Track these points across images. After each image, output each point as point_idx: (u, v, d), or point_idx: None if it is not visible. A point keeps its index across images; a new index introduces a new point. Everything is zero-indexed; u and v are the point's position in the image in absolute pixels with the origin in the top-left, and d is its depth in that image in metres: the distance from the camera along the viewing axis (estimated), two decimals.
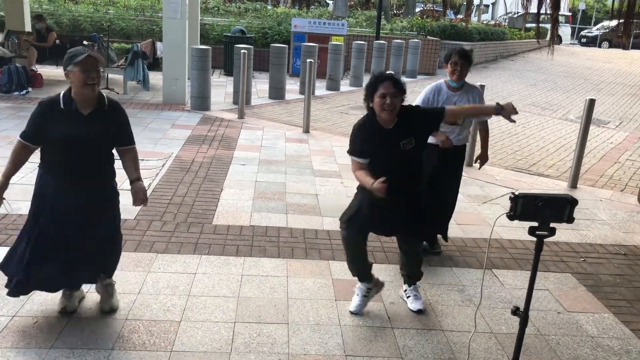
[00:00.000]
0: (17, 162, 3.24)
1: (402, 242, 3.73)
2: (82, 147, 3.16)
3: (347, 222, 3.54)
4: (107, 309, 3.49)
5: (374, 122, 3.41)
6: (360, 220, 3.51)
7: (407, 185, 3.48)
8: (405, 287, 3.84)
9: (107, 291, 3.49)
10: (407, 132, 3.40)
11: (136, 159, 3.45)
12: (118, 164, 3.40)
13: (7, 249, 3.40)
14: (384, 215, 3.49)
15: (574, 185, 6.78)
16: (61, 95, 3.17)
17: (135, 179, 3.39)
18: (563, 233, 5.22)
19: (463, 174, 4.71)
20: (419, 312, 3.71)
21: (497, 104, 3.53)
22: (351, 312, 3.63)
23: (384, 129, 3.40)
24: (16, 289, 3.29)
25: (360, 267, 3.68)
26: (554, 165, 7.86)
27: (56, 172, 3.20)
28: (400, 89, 3.33)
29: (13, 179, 3.33)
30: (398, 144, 3.37)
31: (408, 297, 3.80)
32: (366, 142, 3.41)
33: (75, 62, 3.03)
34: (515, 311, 2.65)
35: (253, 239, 4.68)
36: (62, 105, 3.13)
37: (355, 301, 3.67)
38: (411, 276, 3.80)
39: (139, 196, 3.38)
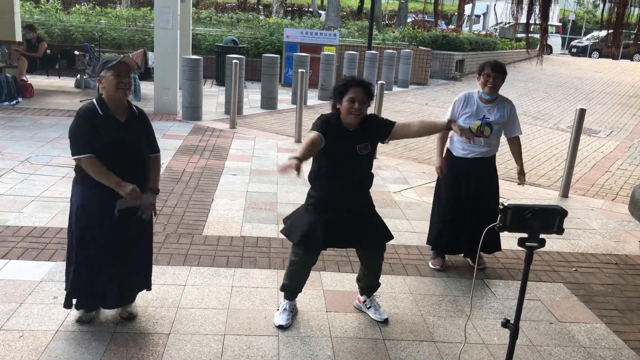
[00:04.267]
0: (106, 170, 3.12)
1: (362, 255, 3.68)
2: (127, 153, 3.19)
3: (304, 244, 3.45)
4: (126, 315, 3.50)
5: (338, 121, 3.38)
6: (317, 242, 3.45)
7: (359, 190, 3.50)
8: (363, 297, 3.80)
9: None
10: (365, 137, 3.42)
11: (159, 169, 3.50)
12: None
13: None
14: (339, 228, 3.46)
15: (565, 194, 6.79)
16: (95, 102, 3.17)
17: (151, 188, 3.35)
18: (554, 242, 5.22)
19: None
20: (385, 321, 3.67)
21: (449, 120, 3.59)
22: (282, 326, 3.52)
23: (346, 130, 3.39)
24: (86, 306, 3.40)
25: (302, 286, 3.68)
26: (546, 174, 7.88)
27: (101, 185, 3.15)
28: (370, 96, 3.34)
29: (1, 190, 3.29)
30: (355, 147, 3.38)
31: (369, 307, 3.76)
32: (328, 132, 3.32)
33: (108, 67, 3.10)
34: (505, 323, 2.63)
35: (243, 249, 4.65)
36: (100, 112, 3.14)
37: (283, 316, 3.57)
38: (370, 288, 3.77)
39: (147, 209, 3.31)
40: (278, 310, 3.64)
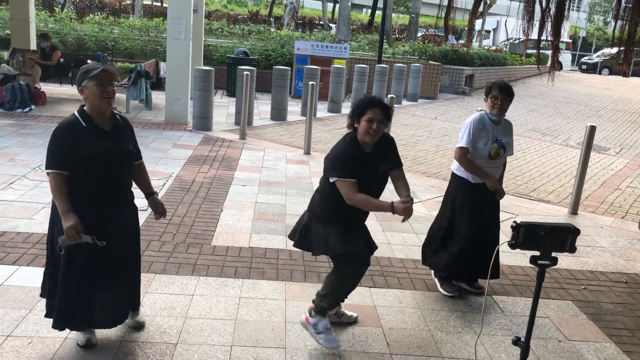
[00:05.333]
0: (66, 193, 2.98)
1: None
2: (114, 164, 3.10)
3: (356, 254, 3.38)
4: (133, 324, 3.49)
5: (356, 145, 3.36)
6: (361, 247, 3.45)
7: None
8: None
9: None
10: (383, 156, 3.44)
11: (147, 173, 3.49)
12: None
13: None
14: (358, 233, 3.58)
15: (574, 211, 6.76)
16: (77, 114, 3.05)
17: (152, 192, 3.45)
18: (563, 260, 5.19)
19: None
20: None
21: (392, 203, 3.35)
22: (339, 346, 3.44)
23: (364, 153, 3.38)
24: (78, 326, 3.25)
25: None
26: (555, 191, 7.85)
27: (90, 198, 3.05)
28: (388, 117, 3.32)
29: (11, 197, 3.30)
30: (376, 167, 3.41)
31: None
32: (353, 164, 3.32)
33: (91, 77, 2.98)
34: (516, 341, 2.61)
35: (252, 260, 4.65)
36: (83, 124, 3.01)
37: (332, 336, 3.44)
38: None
39: (160, 209, 3.44)
40: (319, 333, 3.44)
